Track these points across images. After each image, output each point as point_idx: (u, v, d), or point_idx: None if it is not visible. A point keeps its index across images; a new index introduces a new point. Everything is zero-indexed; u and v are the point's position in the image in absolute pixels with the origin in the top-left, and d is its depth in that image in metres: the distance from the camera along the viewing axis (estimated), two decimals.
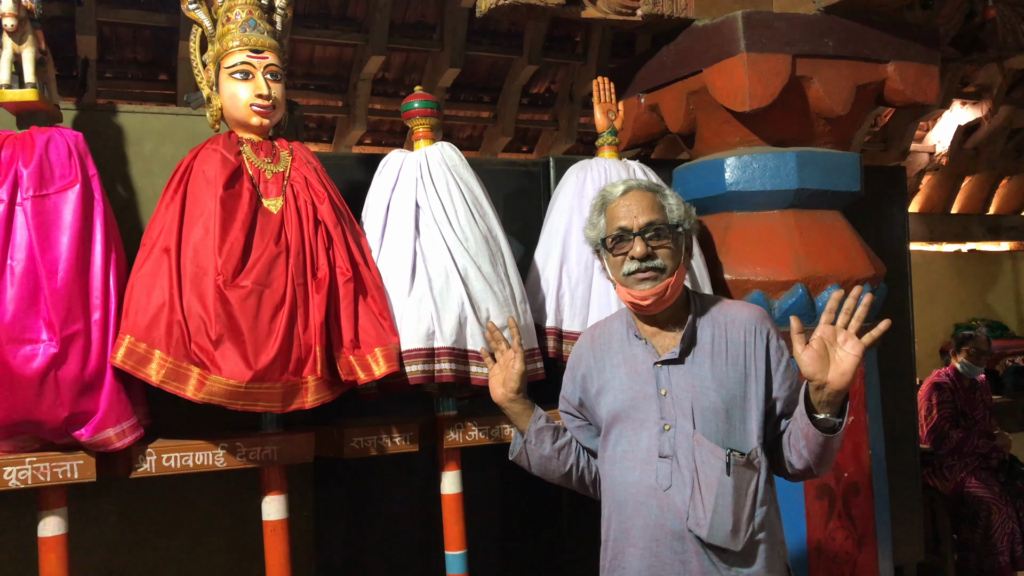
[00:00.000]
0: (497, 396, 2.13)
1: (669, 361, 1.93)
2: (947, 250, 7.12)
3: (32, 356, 2.06)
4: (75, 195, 2.16)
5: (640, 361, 1.96)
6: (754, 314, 1.97)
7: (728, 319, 1.95)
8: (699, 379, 1.89)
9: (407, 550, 2.97)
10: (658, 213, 1.93)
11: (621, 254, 1.93)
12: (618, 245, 1.93)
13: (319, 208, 2.39)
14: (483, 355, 2.27)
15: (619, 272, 1.93)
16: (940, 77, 3.29)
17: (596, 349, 2.07)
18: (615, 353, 2.02)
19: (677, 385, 1.90)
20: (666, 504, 1.86)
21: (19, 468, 2.09)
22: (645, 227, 1.90)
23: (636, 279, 1.90)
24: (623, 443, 1.94)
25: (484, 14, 2.94)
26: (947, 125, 6.01)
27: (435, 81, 4.21)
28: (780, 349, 1.95)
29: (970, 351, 5.04)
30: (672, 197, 1.98)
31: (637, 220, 1.91)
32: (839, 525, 3.02)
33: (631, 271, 1.90)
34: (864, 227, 3.29)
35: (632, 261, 1.90)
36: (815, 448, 1.81)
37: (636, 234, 1.90)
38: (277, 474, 2.36)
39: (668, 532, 1.85)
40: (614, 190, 1.99)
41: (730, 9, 3.01)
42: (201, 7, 2.46)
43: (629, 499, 1.92)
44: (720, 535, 1.81)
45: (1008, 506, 4.73)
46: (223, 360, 2.13)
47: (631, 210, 1.92)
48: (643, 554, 1.88)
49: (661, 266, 1.90)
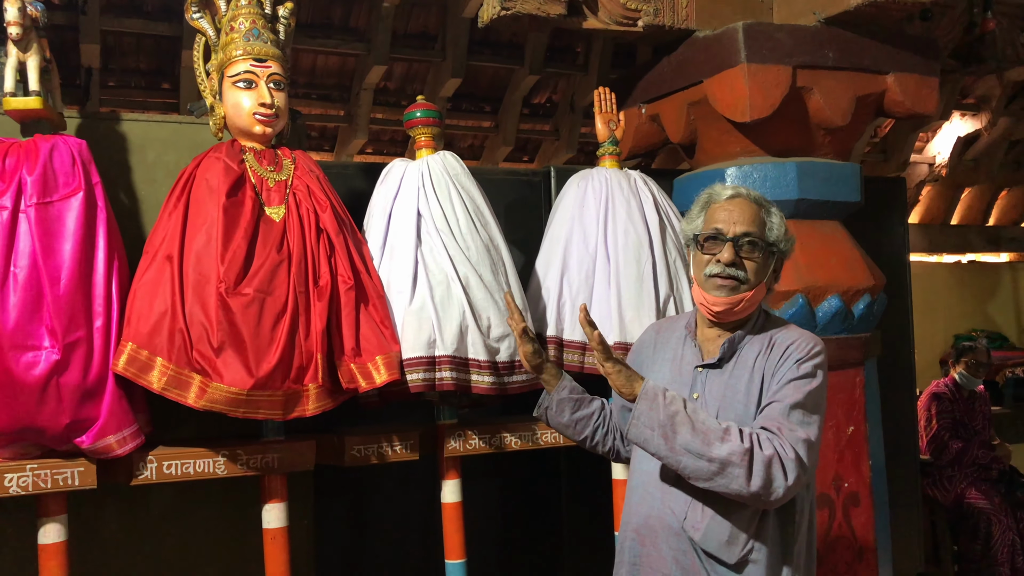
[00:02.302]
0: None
1: (709, 366, 1.94)
2: (947, 261, 7.12)
3: (34, 363, 2.06)
4: (78, 203, 2.17)
5: (687, 362, 1.98)
6: (795, 336, 1.92)
7: (776, 340, 1.93)
8: (733, 390, 1.90)
9: (407, 559, 2.96)
10: (758, 226, 1.93)
11: (710, 254, 1.93)
12: (709, 245, 1.93)
13: (321, 216, 2.40)
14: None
15: (701, 272, 1.93)
16: (940, 89, 3.31)
17: (659, 341, 2.09)
18: (670, 349, 2.04)
19: (710, 391, 1.91)
20: (668, 498, 1.89)
21: (20, 475, 2.09)
22: (740, 235, 1.90)
23: (715, 283, 1.90)
24: None
25: (486, 24, 2.96)
26: (947, 136, 6.03)
27: (437, 91, 4.22)
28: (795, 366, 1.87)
29: (969, 362, 5.03)
30: (776, 216, 1.97)
31: (735, 227, 1.91)
32: (839, 535, 3.01)
33: (713, 273, 1.90)
34: (864, 238, 3.30)
35: (717, 264, 1.90)
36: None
37: (729, 239, 1.90)
38: (278, 482, 2.36)
39: (666, 527, 1.88)
40: (722, 192, 1.99)
41: (731, 20, 3.02)
42: (205, 16, 2.47)
43: (639, 486, 1.96)
44: (714, 542, 1.82)
45: (1008, 517, 4.72)
46: (225, 368, 2.14)
47: (732, 215, 1.92)
48: (641, 541, 1.92)
49: (744, 278, 1.90)
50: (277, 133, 2.48)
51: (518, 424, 2.67)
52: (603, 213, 2.80)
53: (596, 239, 2.78)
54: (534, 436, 2.67)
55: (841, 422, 3.07)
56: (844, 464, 3.05)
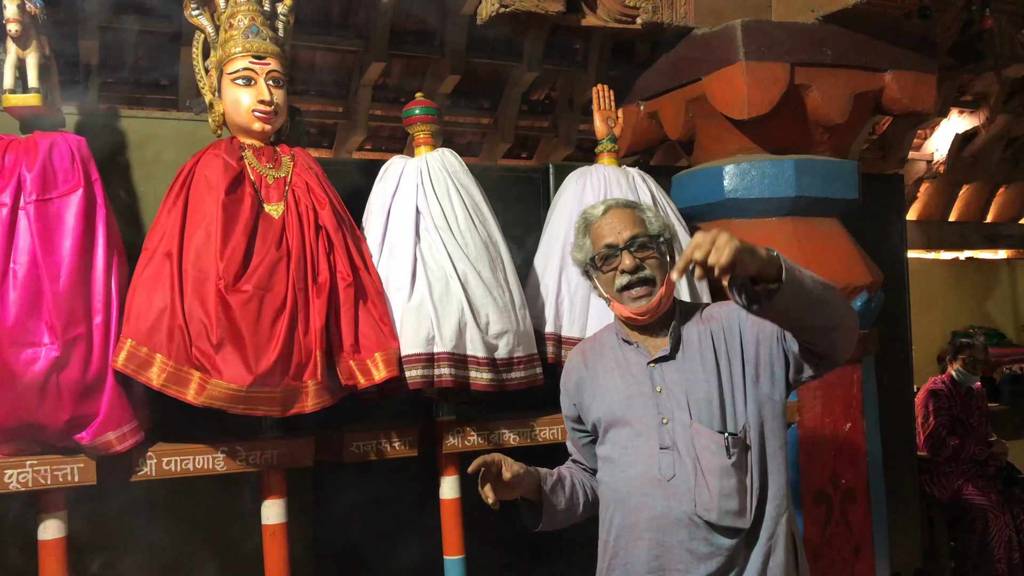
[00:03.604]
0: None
1: (661, 359, 1.99)
2: (945, 258, 7.12)
3: (34, 359, 2.07)
4: (78, 199, 2.17)
5: (633, 363, 2.02)
6: (730, 306, 2.00)
7: (710, 316, 2.03)
8: (691, 373, 1.95)
9: (406, 555, 2.97)
10: (639, 226, 2.00)
11: (611, 270, 1.99)
12: (607, 262, 2.00)
13: (320, 213, 2.40)
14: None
15: (612, 288, 2.00)
16: (938, 86, 3.32)
17: (588, 359, 2.13)
18: (607, 360, 2.07)
19: (671, 381, 1.96)
20: (671, 493, 1.90)
21: (20, 471, 2.10)
22: (630, 241, 1.97)
23: (631, 297, 1.97)
24: (622, 441, 1.99)
25: (485, 22, 2.96)
26: (945, 133, 6.02)
27: (435, 88, 4.21)
28: (747, 317, 1.95)
29: (967, 359, 5.05)
30: (649, 211, 2.06)
31: (621, 235, 1.98)
32: (836, 531, 3.02)
33: (624, 285, 1.97)
34: (862, 235, 3.30)
35: (623, 275, 1.97)
36: (781, 315, 1.80)
37: (623, 248, 1.97)
38: (277, 478, 2.36)
39: (675, 520, 1.89)
40: (594, 211, 2.06)
41: (729, 18, 3.02)
42: (204, 13, 2.47)
43: (633, 493, 1.95)
44: (728, 516, 1.86)
45: (1005, 514, 4.73)
46: (224, 364, 2.14)
47: (614, 227, 2.00)
48: (651, 545, 1.91)
49: (651, 276, 1.97)
50: (276, 130, 2.48)
51: (516, 420, 2.68)
52: None
53: None
54: (532, 432, 2.68)
55: (839, 419, 3.08)
56: (841, 461, 3.06)
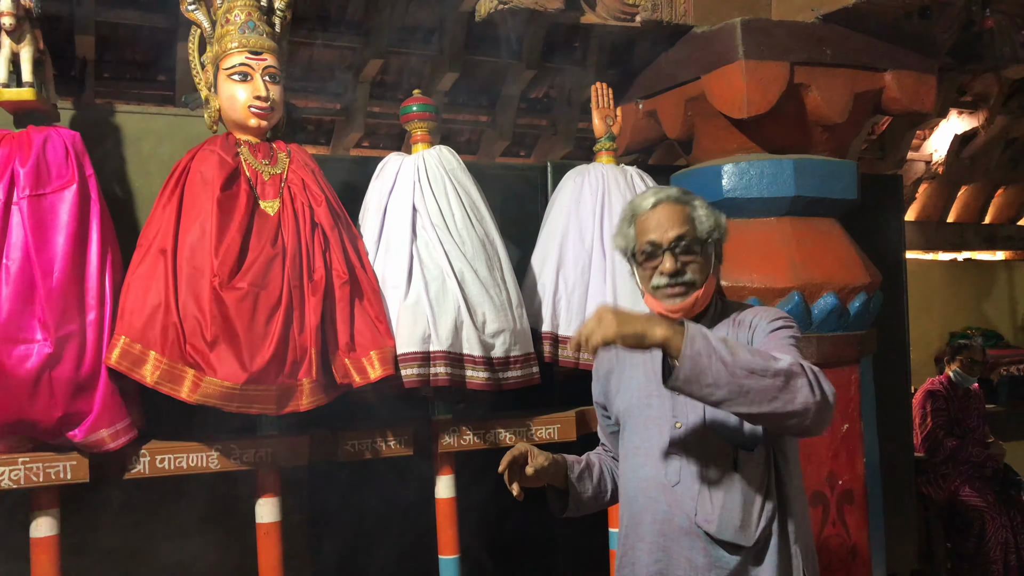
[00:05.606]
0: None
1: None
2: (943, 259, 7.12)
3: (26, 356, 2.05)
4: (72, 195, 2.16)
5: (658, 361, 1.93)
6: (758, 310, 1.95)
7: (740, 320, 1.95)
8: None
9: (401, 554, 2.96)
10: (688, 225, 1.91)
11: (651, 268, 1.92)
12: (648, 259, 1.92)
13: (316, 210, 2.39)
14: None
15: (648, 284, 1.93)
16: (937, 86, 3.31)
17: (620, 350, 2.04)
18: (636, 353, 2.00)
19: None
20: (674, 500, 1.87)
21: (12, 468, 2.09)
22: (674, 241, 1.89)
23: (665, 294, 1.90)
24: (636, 439, 1.96)
25: (483, 19, 2.95)
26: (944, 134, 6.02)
27: (434, 85, 4.20)
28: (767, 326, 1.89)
29: (964, 360, 5.04)
30: (701, 208, 1.95)
31: (667, 234, 1.89)
32: (833, 532, 3.02)
33: (660, 285, 1.90)
34: (860, 235, 3.29)
35: (661, 276, 1.89)
36: (701, 399, 1.70)
37: (666, 249, 1.89)
38: (271, 476, 2.35)
39: (676, 528, 1.87)
40: (644, 202, 1.96)
41: (729, 16, 3.01)
42: (200, 8, 2.46)
43: (639, 494, 1.94)
44: (729, 530, 1.81)
45: (1002, 515, 4.73)
46: (218, 362, 2.13)
47: (661, 224, 1.90)
48: (651, 549, 1.90)
49: (691, 280, 1.89)
50: (272, 126, 2.47)
51: (512, 419, 2.67)
52: (599, 208, 2.80)
53: (592, 234, 2.78)
54: (528, 431, 2.67)
55: (836, 420, 3.07)
56: (838, 462, 3.05)
